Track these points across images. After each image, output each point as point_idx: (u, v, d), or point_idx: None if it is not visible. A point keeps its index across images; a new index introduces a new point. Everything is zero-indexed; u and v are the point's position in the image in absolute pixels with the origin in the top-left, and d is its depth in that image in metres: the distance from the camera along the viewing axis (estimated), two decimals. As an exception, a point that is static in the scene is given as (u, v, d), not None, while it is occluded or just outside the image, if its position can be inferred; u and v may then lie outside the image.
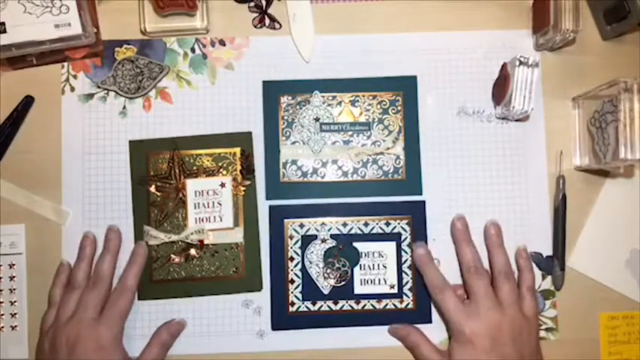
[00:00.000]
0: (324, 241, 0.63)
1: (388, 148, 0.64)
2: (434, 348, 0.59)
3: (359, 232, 0.63)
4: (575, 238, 0.64)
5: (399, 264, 0.63)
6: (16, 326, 0.62)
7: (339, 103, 0.64)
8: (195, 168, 0.63)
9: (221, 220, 0.62)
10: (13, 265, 0.62)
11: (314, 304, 0.62)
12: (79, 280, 0.59)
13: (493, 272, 0.60)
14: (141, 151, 0.63)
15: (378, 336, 0.62)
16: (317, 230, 0.63)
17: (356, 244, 0.63)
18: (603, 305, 0.63)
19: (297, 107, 0.64)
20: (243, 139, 0.63)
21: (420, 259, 0.61)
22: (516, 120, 0.64)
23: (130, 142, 0.63)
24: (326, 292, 0.62)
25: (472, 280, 0.58)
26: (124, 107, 0.64)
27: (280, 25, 0.65)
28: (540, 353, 0.59)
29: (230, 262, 0.62)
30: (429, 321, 0.62)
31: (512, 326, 0.56)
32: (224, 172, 0.63)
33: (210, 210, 0.62)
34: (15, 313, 0.62)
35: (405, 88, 0.64)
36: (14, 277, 0.62)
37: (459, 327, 0.56)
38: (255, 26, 0.65)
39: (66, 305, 0.58)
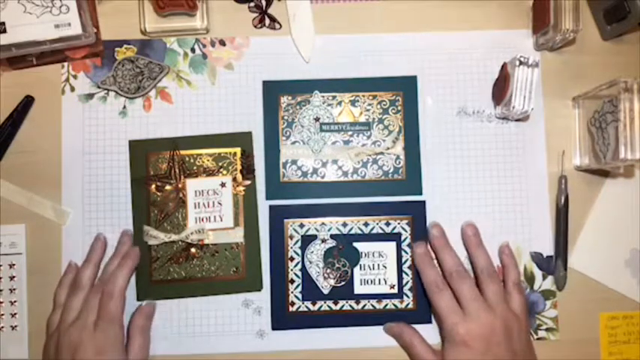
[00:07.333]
0: (324, 241, 0.63)
1: (388, 148, 0.64)
2: (428, 348, 0.59)
3: (359, 232, 0.63)
4: (576, 238, 0.64)
5: (399, 264, 0.63)
6: (16, 326, 0.62)
7: (339, 103, 0.64)
8: (195, 168, 0.63)
9: (221, 220, 0.62)
10: (13, 265, 0.62)
11: (314, 304, 0.62)
12: (84, 282, 0.59)
13: (476, 273, 0.60)
14: (141, 151, 0.63)
15: (378, 336, 0.62)
16: (317, 230, 0.63)
17: (356, 244, 0.63)
18: (603, 305, 0.63)
19: (297, 107, 0.64)
20: (243, 139, 0.63)
21: (419, 258, 0.61)
22: (516, 120, 0.64)
23: (130, 141, 0.63)
24: (326, 292, 0.62)
25: (456, 284, 0.58)
26: (124, 107, 0.64)
27: (280, 25, 0.65)
28: (532, 349, 0.58)
29: (230, 262, 0.62)
30: (429, 321, 0.62)
31: (504, 325, 0.56)
32: (224, 172, 0.63)
33: (211, 210, 0.62)
34: (15, 313, 0.62)
35: (405, 88, 0.64)
36: (14, 277, 0.62)
37: (453, 328, 0.56)
38: (255, 26, 0.65)
39: (70, 308, 0.58)
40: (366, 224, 0.63)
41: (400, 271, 0.63)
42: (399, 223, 0.63)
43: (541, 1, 0.62)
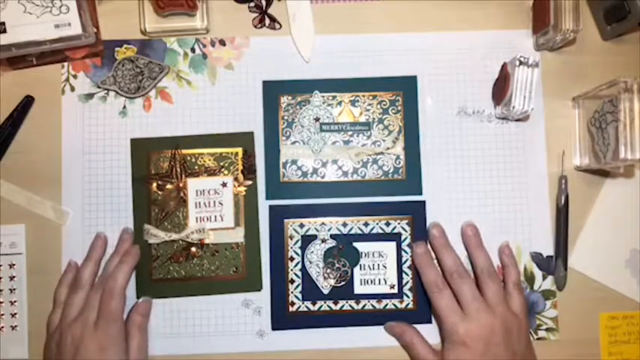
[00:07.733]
0: (324, 241, 0.63)
1: (388, 148, 0.64)
2: (429, 348, 0.59)
3: (359, 232, 0.63)
4: (576, 238, 0.64)
5: (399, 264, 0.63)
6: (16, 326, 0.62)
7: (339, 103, 0.64)
8: (196, 167, 0.63)
9: (222, 220, 0.62)
10: (13, 265, 0.62)
11: (314, 304, 0.62)
12: (85, 280, 0.59)
13: (476, 273, 0.60)
14: (142, 149, 0.63)
15: (378, 336, 0.62)
16: (317, 230, 0.63)
17: (356, 244, 0.63)
18: (603, 305, 0.63)
19: (297, 107, 0.64)
20: (245, 139, 0.63)
21: (419, 258, 0.61)
22: (516, 120, 0.64)
23: (132, 140, 0.63)
24: (326, 292, 0.62)
25: (457, 285, 0.58)
26: (124, 107, 0.64)
27: (280, 25, 0.65)
28: (532, 349, 0.59)
29: (230, 261, 0.62)
30: (429, 321, 0.62)
31: (504, 326, 0.56)
32: (225, 172, 0.63)
33: (211, 209, 0.62)
34: (15, 313, 0.62)
35: (405, 88, 0.64)
36: (14, 277, 0.62)
37: (452, 328, 0.56)
38: (255, 26, 0.65)
39: (71, 306, 0.58)
40: (366, 224, 0.63)
41: (400, 271, 0.63)
42: (399, 223, 0.63)
43: (541, 1, 0.62)
